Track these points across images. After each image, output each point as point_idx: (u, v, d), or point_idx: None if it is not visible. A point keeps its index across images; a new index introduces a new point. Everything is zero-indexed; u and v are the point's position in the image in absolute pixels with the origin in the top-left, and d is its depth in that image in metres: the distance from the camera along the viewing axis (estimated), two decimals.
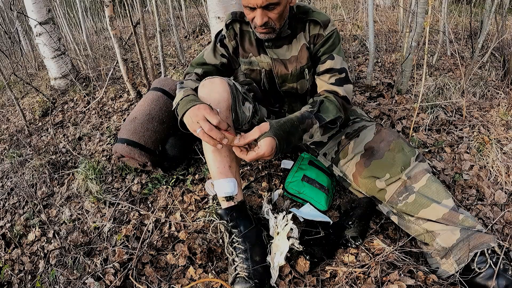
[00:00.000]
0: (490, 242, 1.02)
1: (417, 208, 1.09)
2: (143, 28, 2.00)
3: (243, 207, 1.15)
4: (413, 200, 1.10)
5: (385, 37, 2.82)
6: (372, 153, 1.19)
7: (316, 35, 1.20)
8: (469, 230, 1.05)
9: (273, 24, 1.10)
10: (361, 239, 1.17)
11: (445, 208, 1.07)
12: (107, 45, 3.99)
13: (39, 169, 1.77)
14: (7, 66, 3.86)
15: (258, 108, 1.30)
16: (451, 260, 1.04)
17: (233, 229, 1.12)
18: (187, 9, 4.38)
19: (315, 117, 1.07)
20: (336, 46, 1.21)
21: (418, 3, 1.70)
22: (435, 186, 1.11)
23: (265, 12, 1.06)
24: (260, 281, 1.04)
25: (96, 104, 2.38)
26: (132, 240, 1.31)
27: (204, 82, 1.15)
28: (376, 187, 1.17)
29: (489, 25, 2.16)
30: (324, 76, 1.21)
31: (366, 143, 1.22)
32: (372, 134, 1.23)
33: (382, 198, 1.17)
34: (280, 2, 1.04)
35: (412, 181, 1.12)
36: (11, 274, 1.29)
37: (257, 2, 1.02)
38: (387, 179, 1.14)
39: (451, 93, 1.93)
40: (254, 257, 1.08)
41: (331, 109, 1.12)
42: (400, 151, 1.16)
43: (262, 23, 1.08)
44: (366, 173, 1.19)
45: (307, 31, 1.21)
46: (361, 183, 1.21)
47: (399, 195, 1.12)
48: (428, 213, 1.08)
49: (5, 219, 1.57)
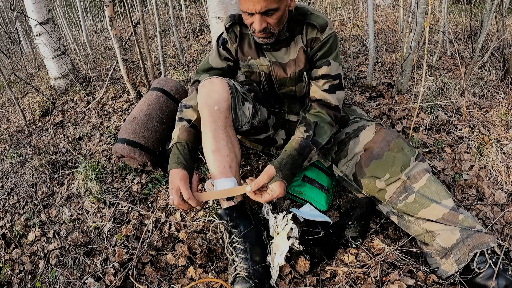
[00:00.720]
0: (490, 242, 1.02)
1: (417, 208, 1.09)
2: (143, 28, 2.01)
3: (243, 207, 1.15)
4: (413, 200, 1.10)
5: (385, 37, 2.82)
6: (371, 153, 1.19)
7: (313, 38, 1.20)
8: (469, 230, 1.05)
9: (272, 29, 1.10)
10: (361, 239, 1.17)
11: (445, 208, 1.07)
12: (107, 45, 3.99)
13: (39, 169, 1.77)
14: (7, 66, 3.86)
15: (258, 109, 1.31)
16: (450, 260, 1.04)
17: (233, 229, 1.12)
18: (187, 9, 4.38)
19: (312, 144, 1.13)
20: (333, 51, 1.21)
21: (418, 3, 1.70)
22: (434, 186, 1.11)
23: (263, 17, 1.05)
24: (260, 281, 1.04)
25: (96, 104, 2.38)
26: (132, 240, 1.31)
27: (204, 82, 1.15)
28: (376, 187, 1.16)
29: (489, 25, 2.16)
30: (319, 81, 1.23)
31: (365, 143, 1.22)
32: (372, 134, 1.23)
33: (382, 198, 1.17)
34: (279, 8, 1.04)
35: (412, 181, 1.12)
36: (11, 274, 1.29)
37: (256, 8, 1.01)
38: (386, 179, 1.14)
39: (451, 93, 1.93)
40: (254, 257, 1.08)
41: (326, 129, 1.18)
42: (400, 151, 1.16)
43: (261, 29, 1.07)
44: (366, 173, 1.19)
45: (304, 34, 1.20)
46: (361, 183, 1.21)
47: (399, 195, 1.12)
48: (428, 213, 1.08)
49: (5, 219, 1.57)
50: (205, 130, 1.13)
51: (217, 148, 1.11)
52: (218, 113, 1.12)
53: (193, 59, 2.93)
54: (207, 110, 1.12)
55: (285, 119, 1.45)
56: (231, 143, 1.14)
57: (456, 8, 3.66)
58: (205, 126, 1.13)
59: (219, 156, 1.11)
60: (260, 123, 1.32)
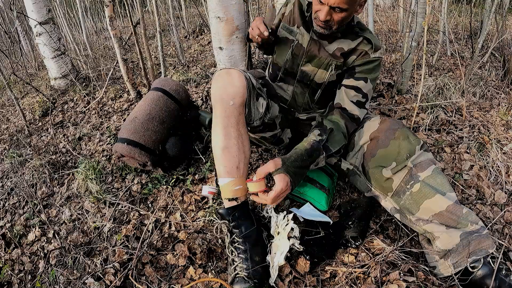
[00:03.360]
0: (489, 248, 1.01)
1: (422, 198, 1.08)
2: (143, 28, 2.00)
3: (246, 207, 1.15)
4: (418, 190, 1.09)
5: (385, 37, 2.82)
6: (377, 142, 1.19)
7: (363, 51, 1.25)
8: (470, 234, 1.04)
9: (333, 24, 1.16)
10: (361, 239, 1.17)
11: (450, 200, 1.06)
12: (107, 45, 3.98)
13: (39, 169, 1.77)
14: (7, 66, 3.85)
15: (270, 105, 1.30)
16: (448, 262, 1.04)
17: (234, 229, 1.12)
18: (187, 9, 4.38)
19: (322, 148, 1.14)
20: (375, 73, 1.26)
21: (418, 3, 1.70)
22: (440, 178, 1.10)
23: (331, 11, 1.11)
24: (259, 281, 1.04)
25: (96, 104, 2.38)
26: (132, 240, 1.31)
27: (220, 72, 1.12)
28: (383, 176, 1.16)
29: (489, 25, 2.16)
30: (350, 91, 1.26)
31: (371, 133, 1.22)
32: (377, 124, 1.23)
33: (389, 188, 1.16)
34: (347, 9, 1.10)
35: (418, 170, 1.11)
36: (11, 274, 1.29)
37: (329, 1, 1.07)
38: (393, 167, 1.13)
39: (451, 93, 1.93)
40: (254, 257, 1.08)
41: (338, 139, 1.19)
42: (405, 138, 1.14)
43: (324, 20, 1.13)
44: (373, 163, 1.19)
45: (356, 43, 1.25)
46: (369, 173, 1.21)
47: (406, 183, 1.12)
48: (432, 204, 1.07)
49: (5, 219, 1.57)
50: (216, 125, 1.11)
51: (226, 146, 1.09)
52: (233, 109, 1.09)
53: (193, 59, 2.93)
54: (220, 104, 1.09)
55: (294, 117, 1.44)
56: (241, 142, 1.12)
57: (456, 8, 3.65)
58: (216, 120, 1.11)
59: (228, 155, 1.10)
60: (270, 120, 1.31)
